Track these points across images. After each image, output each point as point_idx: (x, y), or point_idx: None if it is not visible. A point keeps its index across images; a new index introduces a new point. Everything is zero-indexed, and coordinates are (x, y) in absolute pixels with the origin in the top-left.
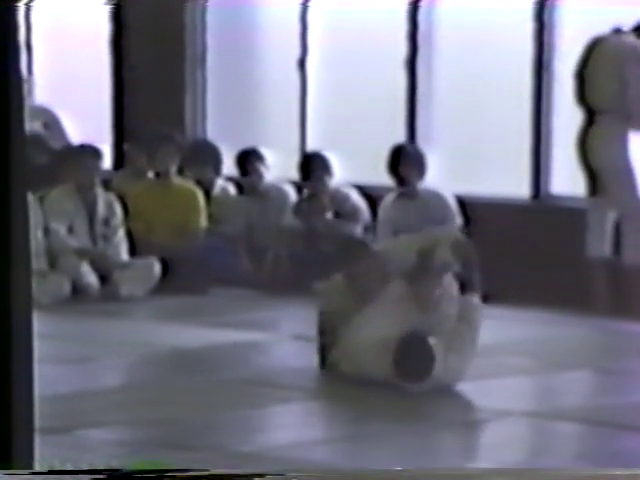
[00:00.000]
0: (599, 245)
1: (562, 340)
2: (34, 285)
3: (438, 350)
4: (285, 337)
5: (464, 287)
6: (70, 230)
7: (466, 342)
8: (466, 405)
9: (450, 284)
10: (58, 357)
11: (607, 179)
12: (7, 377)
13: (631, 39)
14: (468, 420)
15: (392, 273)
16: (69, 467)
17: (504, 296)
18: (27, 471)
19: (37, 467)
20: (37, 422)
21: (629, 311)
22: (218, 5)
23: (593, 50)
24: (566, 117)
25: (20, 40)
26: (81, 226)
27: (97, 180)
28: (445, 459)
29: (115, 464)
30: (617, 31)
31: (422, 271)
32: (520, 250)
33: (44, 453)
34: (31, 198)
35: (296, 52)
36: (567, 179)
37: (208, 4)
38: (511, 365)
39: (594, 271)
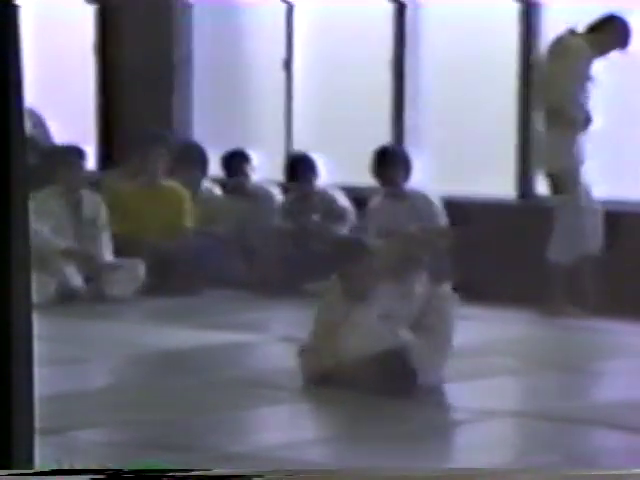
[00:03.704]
0: (557, 249)
1: (545, 340)
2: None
3: (422, 352)
4: (275, 338)
5: (434, 278)
6: (55, 231)
7: (441, 335)
8: (451, 406)
9: (423, 278)
10: (45, 358)
11: (559, 179)
12: (7, 378)
13: (583, 39)
14: (453, 421)
15: (381, 274)
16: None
17: (491, 296)
18: (27, 471)
19: (37, 467)
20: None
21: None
22: (205, 6)
23: (550, 50)
24: None
25: (20, 40)
26: (66, 227)
27: (82, 180)
28: (432, 460)
29: (107, 465)
30: (571, 32)
31: (399, 269)
32: (506, 250)
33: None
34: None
35: (282, 53)
36: None
37: (195, 5)
38: (497, 365)
39: (550, 275)
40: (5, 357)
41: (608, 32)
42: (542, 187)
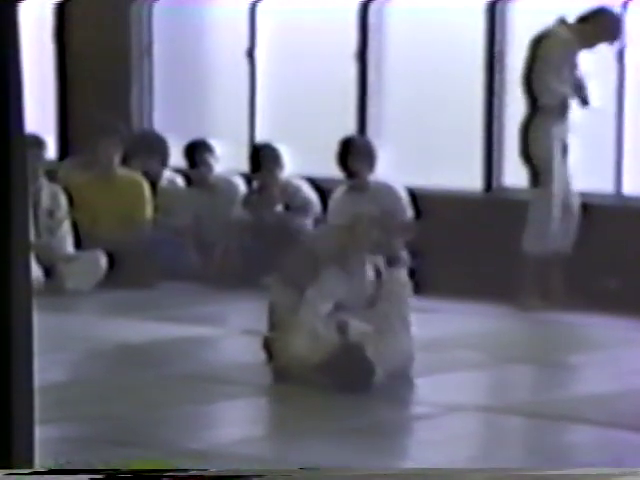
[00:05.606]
0: (529, 239)
1: (512, 333)
2: None
3: (376, 341)
4: (234, 331)
5: (389, 262)
6: None
7: (395, 320)
8: (416, 400)
9: (380, 262)
10: None
11: (535, 166)
12: (7, 378)
13: (571, 29)
14: (418, 415)
15: (322, 257)
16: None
17: (456, 289)
18: (27, 471)
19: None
20: None
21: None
22: None
23: (538, 41)
24: (517, 110)
25: (20, 40)
26: None
27: (41, 171)
28: (395, 456)
29: (61, 461)
30: (561, 21)
31: (346, 251)
32: (472, 243)
33: None
34: None
35: (245, 43)
36: (519, 171)
37: None
38: (462, 359)
39: (527, 266)
40: (5, 356)
41: (597, 24)
42: (509, 179)
